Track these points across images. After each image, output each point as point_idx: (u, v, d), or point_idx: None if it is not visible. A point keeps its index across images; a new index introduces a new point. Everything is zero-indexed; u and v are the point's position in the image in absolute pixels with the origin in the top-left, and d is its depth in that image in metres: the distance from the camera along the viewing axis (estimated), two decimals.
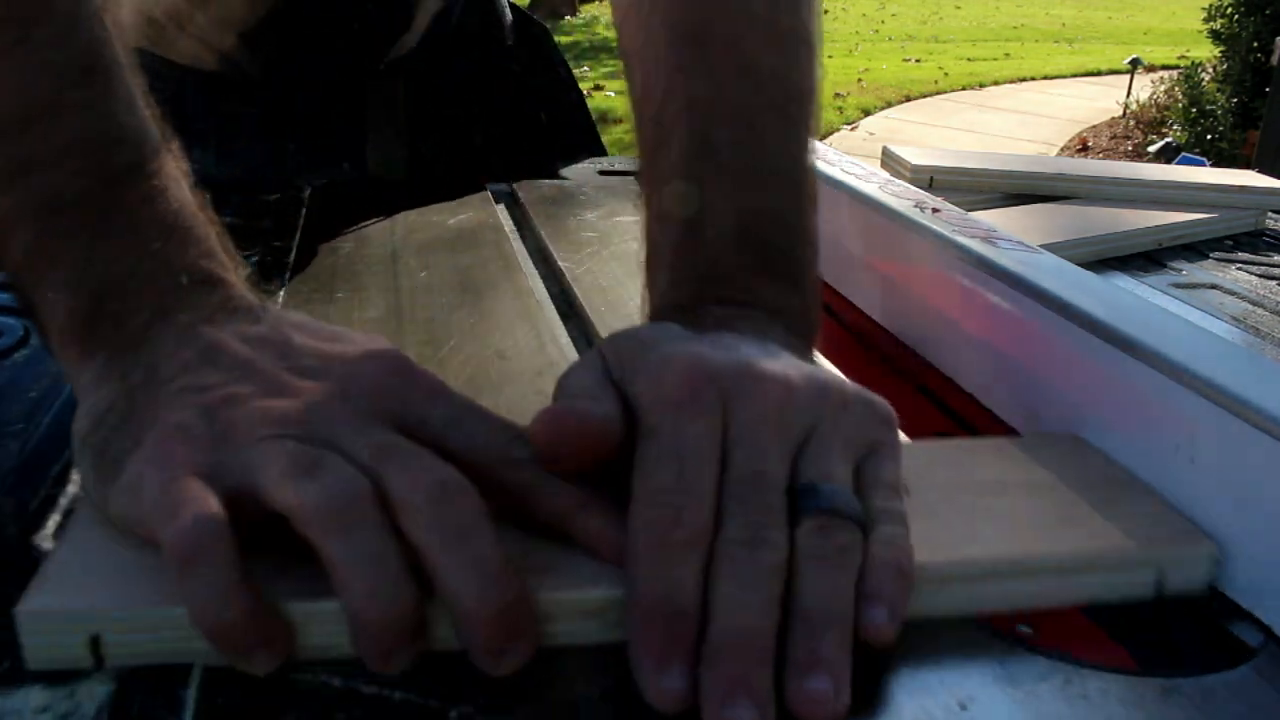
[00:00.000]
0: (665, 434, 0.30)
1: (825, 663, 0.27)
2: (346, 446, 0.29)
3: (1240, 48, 5.26)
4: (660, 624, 0.27)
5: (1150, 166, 0.93)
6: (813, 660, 0.27)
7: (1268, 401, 0.33)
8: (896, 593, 0.29)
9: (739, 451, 0.30)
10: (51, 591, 0.28)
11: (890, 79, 7.45)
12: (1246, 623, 0.33)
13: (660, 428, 0.30)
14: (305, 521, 0.27)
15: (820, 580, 0.28)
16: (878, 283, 0.57)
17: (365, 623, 0.27)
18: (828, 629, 0.27)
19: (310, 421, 0.29)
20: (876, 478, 0.32)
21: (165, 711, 0.27)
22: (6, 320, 0.48)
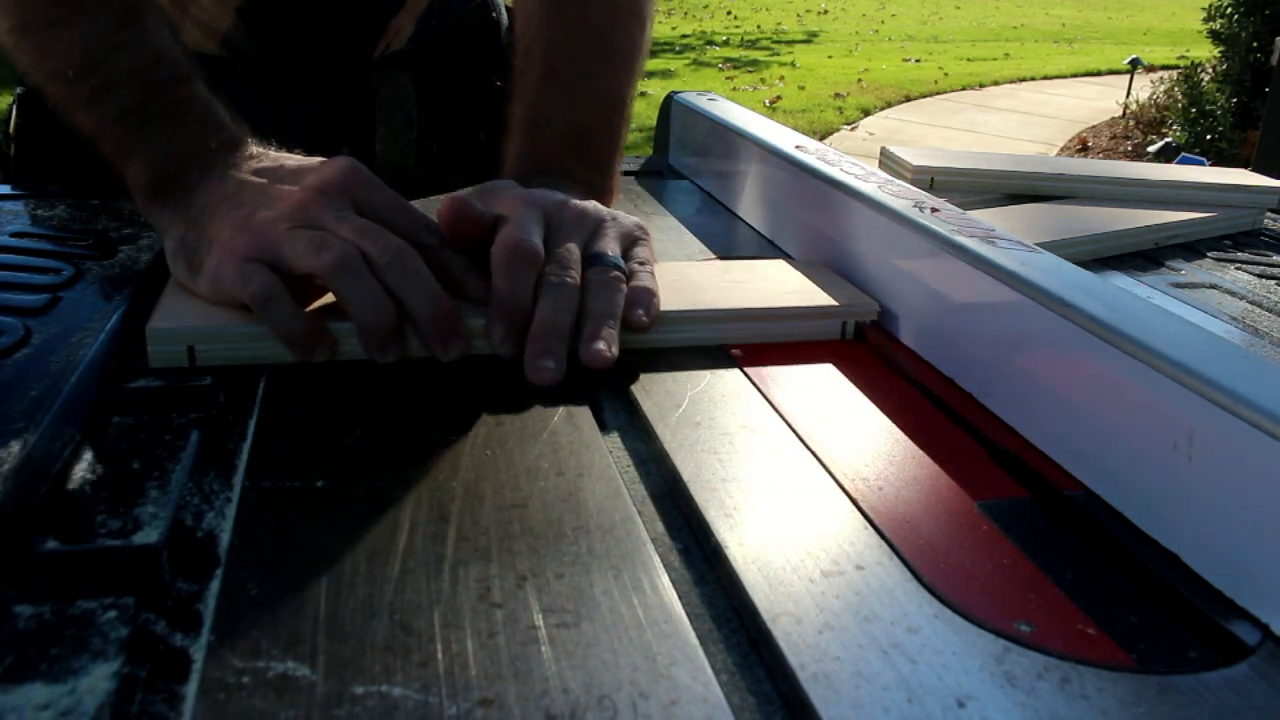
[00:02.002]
0: (513, 217, 0.49)
1: (603, 335, 0.46)
2: (335, 227, 0.46)
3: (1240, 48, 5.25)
4: (509, 311, 0.47)
5: (1149, 166, 0.93)
6: (594, 334, 0.46)
7: (1267, 401, 0.33)
8: (647, 301, 0.50)
9: (555, 235, 0.50)
10: (166, 317, 0.47)
11: (890, 79, 7.45)
12: (1244, 621, 0.33)
13: (509, 215, 0.50)
14: (324, 276, 0.45)
15: (599, 295, 0.48)
16: (877, 282, 0.57)
17: (366, 328, 0.45)
18: (603, 319, 0.47)
19: (309, 213, 0.46)
20: (635, 254, 0.53)
21: (165, 708, 0.27)
22: (7, 320, 0.48)
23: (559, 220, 0.51)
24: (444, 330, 0.46)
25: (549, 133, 0.61)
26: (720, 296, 0.53)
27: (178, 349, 0.45)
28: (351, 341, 0.46)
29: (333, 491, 0.37)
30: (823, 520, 0.37)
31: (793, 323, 0.53)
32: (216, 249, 0.47)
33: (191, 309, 0.47)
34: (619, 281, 0.49)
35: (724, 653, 0.31)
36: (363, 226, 0.46)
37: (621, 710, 0.27)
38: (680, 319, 0.51)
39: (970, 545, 0.36)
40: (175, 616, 0.30)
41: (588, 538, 0.35)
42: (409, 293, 0.45)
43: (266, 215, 0.46)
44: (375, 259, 0.45)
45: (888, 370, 0.51)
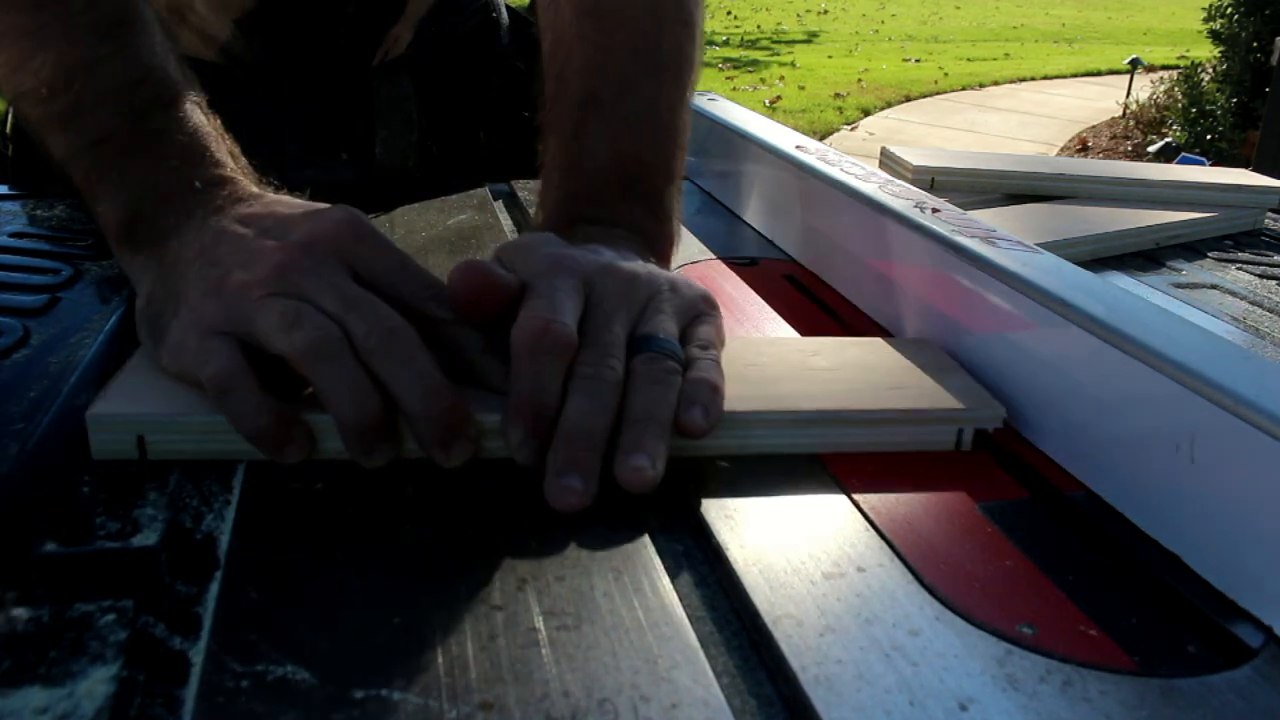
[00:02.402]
0: (542, 286, 0.40)
1: (645, 445, 0.37)
2: (318, 298, 0.38)
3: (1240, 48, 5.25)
4: (530, 410, 0.37)
5: (1149, 166, 0.93)
6: (634, 445, 0.37)
7: (1268, 401, 0.33)
8: (708, 398, 0.39)
9: (595, 313, 0.41)
10: (111, 401, 0.39)
11: (890, 79, 7.45)
12: (1247, 623, 0.33)
13: (538, 285, 0.40)
14: (296, 361, 0.37)
15: (645, 393, 0.39)
16: (878, 283, 0.57)
17: (346, 425, 0.37)
18: (649, 424, 0.37)
19: (289, 278, 0.38)
20: (696, 334, 0.43)
21: (164, 711, 0.27)
22: (6, 320, 0.48)
23: (602, 291, 0.42)
24: (444, 430, 0.37)
25: (591, 169, 0.51)
26: (802, 390, 0.43)
27: (123, 439, 0.38)
28: (335, 437, 0.38)
29: (333, 493, 0.37)
30: (824, 522, 0.37)
31: (898, 428, 0.42)
32: (182, 315, 0.40)
33: (152, 387, 0.40)
34: (672, 373, 0.40)
35: (725, 655, 0.30)
36: (351, 297, 0.38)
37: (622, 713, 0.27)
38: (749, 423, 0.41)
39: (972, 547, 0.36)
40: (174, 619, 0.30)
41: (588, 539, 0.35)
42: (400, 383, 0.37)
43: (241, 278, 0.39)
44: (360, 340, 0.37)
45: None
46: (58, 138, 0.46)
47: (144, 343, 0.42)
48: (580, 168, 0.51)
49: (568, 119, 0.53)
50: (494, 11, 0.89)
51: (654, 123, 0.53)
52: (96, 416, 0.38)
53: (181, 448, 0.38)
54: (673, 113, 0.54)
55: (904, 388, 0.44)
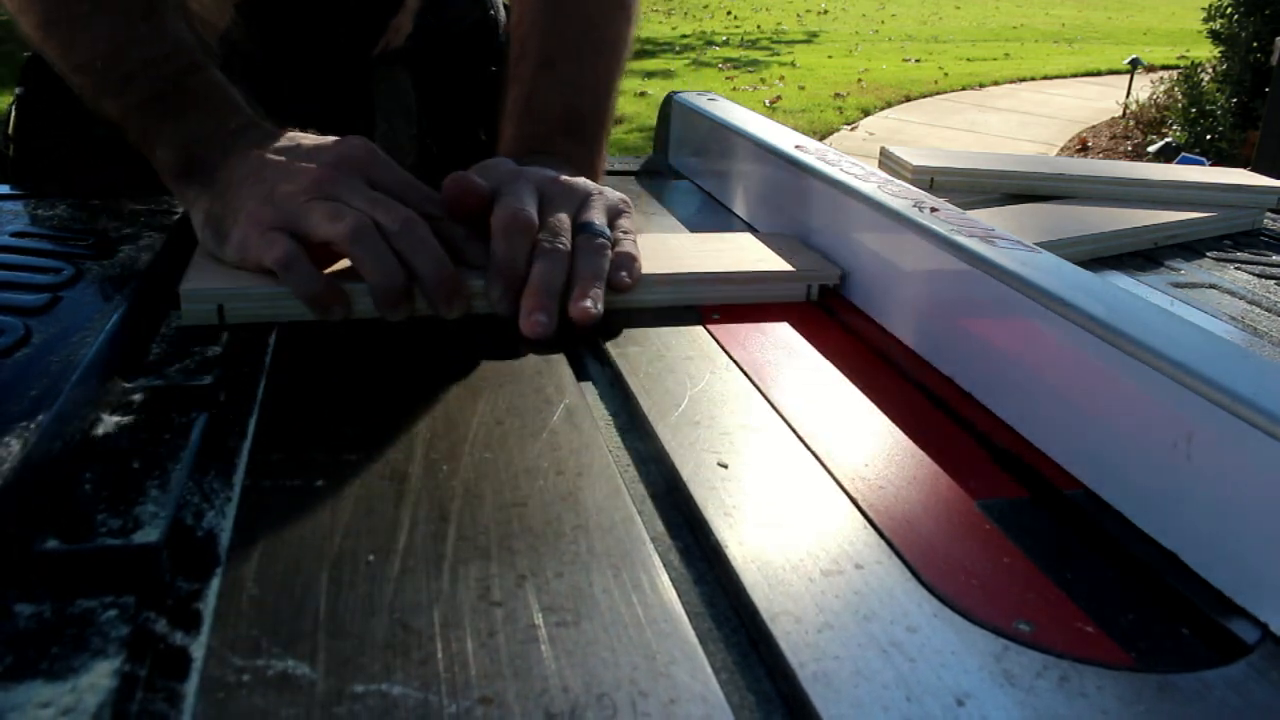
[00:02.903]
0: (508, 190, 0.55)
1: (590, 294, 0.52)
2: (350, 199, 0.51)
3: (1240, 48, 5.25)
4: (507, 273, 0.52)
5: (1149, 166, 0.93)
6: (582, 293, 0.52)
7: (1266, 401, 0.33)
8: (630, 265, 0.55)
9: (547, 207, 0.55)
10: (196, 279, 0.52)
11: (890, 79, 7.45)
12: (1243, 619, 0.33)
13: (505, 189, 0.55)
14: (340, 243, 0.50)
15: (587, 259, 0.54)
16: (877, 282, 0.57)
17: (378, 287, 0.50)
18: (591, 280, 0.53)
19: (326, 187, 0.51)
20: (620, 224, 0.58)
21: (166, 707, 0.27)
22: (7, 319, 0.48)
23: (551, 193, 0.56)
24: (448, 291, 0.51)
25: (543, 116, 0.66)
26: (696, 263, 0.59)
27: (208, 307, 0.50)
28: (365, 301, 0.51)
29: (333, 490, 0.37)
30: (822, 519, 0.37)
31: (761, 285, 0.58)
32: (242, 220, 0.51)
33: (219, 272, 0.52)
34: (605, 248, 0.55)
35: (723, 651, 0.31)
36: (375, 199, 0.51)
37: (621, 709, 0.27)
38: (659, 281, 0.57)
39: (970, 544, 0.36)
40: (175, 615, 0.30)
41: (587, 537, 0.35)
42: (417, 257, 0.50)
43: (287, 189, 0.51)
44: (386, 227, 0.50)
45: (889, 370, 0.51)
46: (113, 101, 0.57)
47: (206, 245, 0.54)
48: (534, 114, 0.66)
49: (527, 76, 0.67)
50: (491, 9, 0.89)
51: (594, 86, 0.69)
52: (188, 290, 0.50)
53: (251, 312, 0.51)
54: (609, 80, 0.70)
55: (766, 259, 0.60)
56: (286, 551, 0.33)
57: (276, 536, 0.34)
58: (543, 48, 0.68)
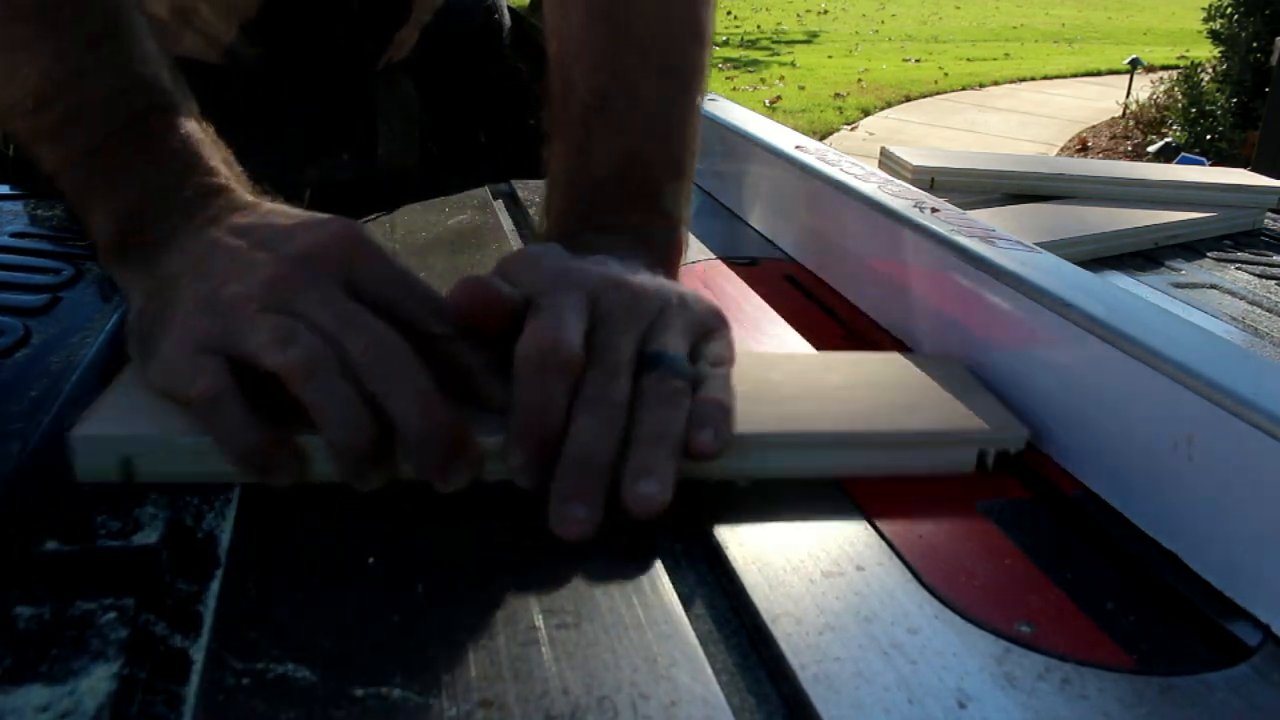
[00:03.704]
0: (547, 302, 0.39)
1: (653, 469, 0.35)
2: (313, 314, 0.36)
3: (1240, 48, 5.25)
4: (534, 433, 0.36)
5: (1149, 166, 0.93)
6: (642, 469, 0.35)
7: (1267, 401, 0.33)
8: (718, 419, 0.38)
9: (601, 330, 0.39)
10: (96, 422, 0.37)
11: (890, 79, 7.45)
12: (1245, 621, 0.33)
13: (543, 300, 0.39)
14: (288, 379, 0.35)
15: (653, 413, 0.37)
16: (877, 283, 0.57)
17: (338, 446, 0.35)
18: (657, 447, 0.36)
19: (283, 292, 0.37)
20: (707, 352, 0.41)
21: (165, 709, 0.27)
22: (6, 320, 0.48)
23: (609, 306, 0.40)
24: (442, 453, 0.35)
25: (599, 174, 0.50)
26: (820, 410, 0.41)
27: (108, 462, 0.36)
28: (328, 460, 0.36)
29: (333, 491, 0.37)
30: (823, 521, 0.37)
31: (918, 450, 0.41)
32: (173, 329, 0.38)
33: (139, 405, 0.38)
34: (682, 393, 0.38)
35: (724, 653, 0.31)
36: (346, 313, 0.37)
37: (622, 711, 0.27)
38: (762, 445, 0.39)
39: (971, 546, 0.36)
40: (175, 617, 0.30)
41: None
42: (396, 403, 0.35)
43: (233, 292, 0.38)
44: (355, 358, 0.35)
45: None
46: (47, 150, 0.44)
47: (134, 359, 0.41)
48: (588, 172, 0.50)
49: (575, 122, 0.51)
50: (496, 13, 0.89)
51: (664, 128, 0.52)
52: (80, 438, 0.36)
53: (170, 470, 0.37)
54: (683, 120, 0.52)
55: (924, 408, 0.42)
56: (286, 553, 0.33)
57: (276, 538, 0.34)
58: (593, 83, 0.51)
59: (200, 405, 0.36)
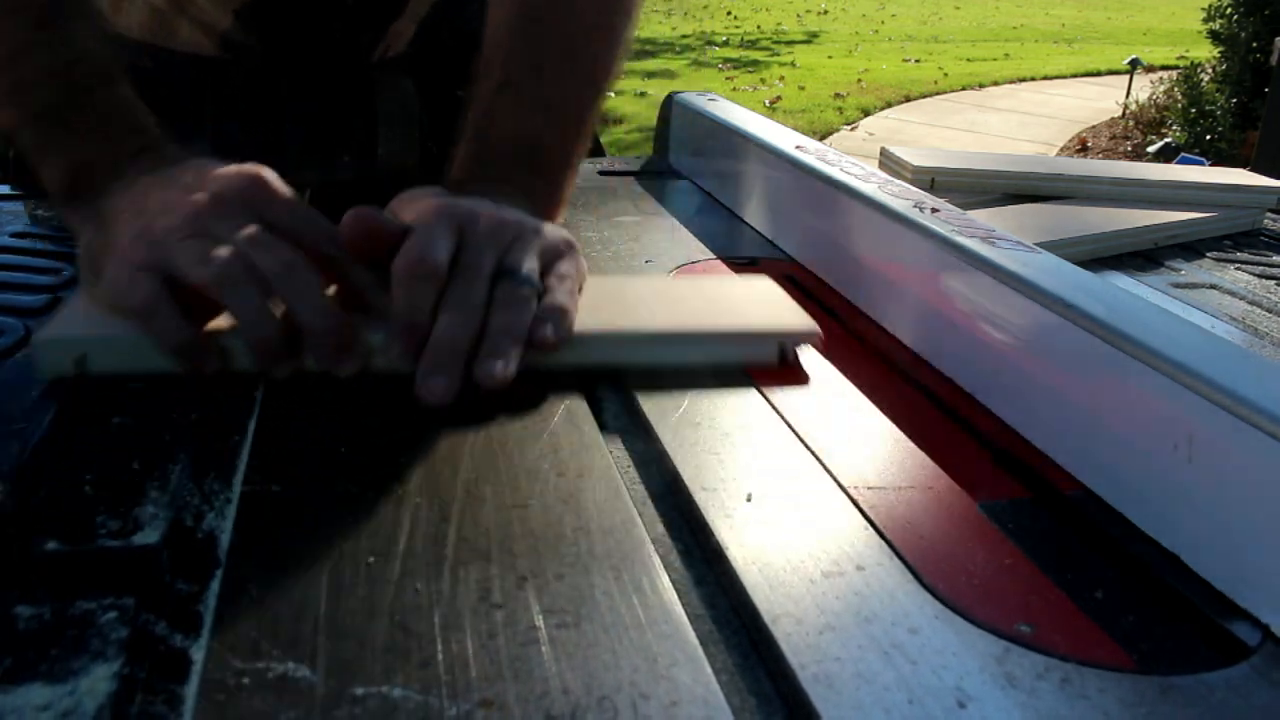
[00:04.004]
0: (421, 228, 0.47)
1: (498, 352, 0.44)
2: (227, 237, 0.44)
3: (1240, 48, 5.25)
4: (407, 328, 0.45)
5: (1149, 166, 0.93)
6: (490, 352, 0.44)
7: (1267, 401, 0.33)
8: (558, 320, 0.46)
9: (466, 250, 0.47)
10: (55, 327, 0.46)
11: (890, 79, 7.45)
12: (1245, 621, 0.33)
13: (419, 227, 0.47)
14: (210, 289, 0.43)
15: (502, 313, 0.46)
16: (877, 283, 0.57)
17: (251, 339, 0.44)
18: (503, 336, 0.45)
19: (204, 222, 0.45)
20: (556, 268, 0.49)
21: (166, 709, 0.27)
22: (6, 320, 0.48)
23: (473, 232, 0.48)
24: (336, 344, 0.44)
25: (494, 138, 0.59)
26: (651, 314, 0.50)
27: (65, 357, 0.44)
28: (247, 356, 0.44)
29: (333, 492, 0.37)
30: (823, 521, 0.37)
31: (723, 347, 0.49)
32: (114, 256, 0.46)
33: (90, 316, 0.46)
34: (527, 297, 0.47)
35: (724, 653, 0.31)
36: (256, 237, 0.45)
37: (622, 711, 0.27)
38: (598, 340, 0.48)
39: (971, 546, 0.36)
40: (175, 617, 0.30)
41: (588, 538, 0.35)
42: (297, 306, 0.44)
43: (163, 224, 0.45)
44: (264, 270, 0.44)
45: (888, 370, 0.51)
46: (4, 111, 0.52)
47: (84, 281, 0.49)
48: (486, 139, 0.59)
49: (484, 97, 0.60)
50: None
51: (559, 110, 0.60)
52: (42, 340, 0.44)
53: (116, 365, 0.44)
54: (579, 106, 0.61)
55: (734, 312, 0.51)
56: (287, 553, 0.33)
57: (276, 538, 0.34)
58: (506, 68, 0.60)
59: (139, 311, 0.44)
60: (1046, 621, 0.32)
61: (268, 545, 0.34)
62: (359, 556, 0.33)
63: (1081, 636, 0.32)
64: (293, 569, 0.32)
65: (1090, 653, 0.31)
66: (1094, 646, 0.31)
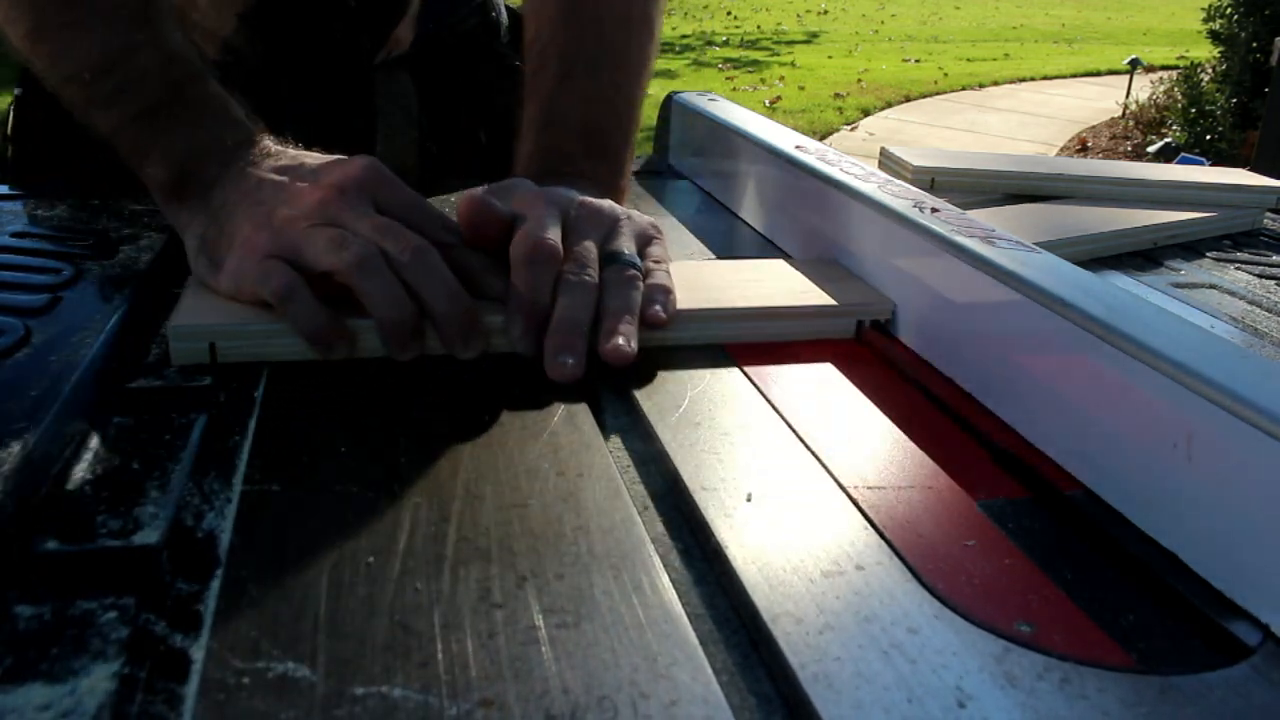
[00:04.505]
0: (530, 214, 0.50)
1: (621, 330, 0.47)
2: (355, 225, 0.46)
3: (1239, 48, 5.25)
4: (528, 308, 0.47)
5: (1149, 166, 0.93)
6: (613, 330, 0.47)
7: (1267, 401, 0.33)
8: (664, 298, 0.50)
9: (572, 235, 0.51)
10: (187, 314, 0.47)
11: (890, 79, 7.45)
12: (1245, 621, 0.33)
13: (526, 213, 0.50)
14: (344, 274, 0.45)
15: (617, 293, 0.49)
16: (877, 282, 0.57)
17: (385, 323, 0.45)
18: (622, 315, 0.48)
19: (329, 211, 0.47)
20: (650, 252, 0.54)
21: (166, 709, 0.27)
22: (7, 320, 0.48)
23: (575, 218, 0.51)
24: (463, 328, 0.46)
25: (563, 130, 0.62)
26: (737, 295, 0.54)
27: (199, 345, 0.46)
28: (371, 338, 0.46)
29: (333, 491, 0.37)
30: (823, 520, 0.37)
31: (807, 321, 0.54)
32: (237, 246, 0.48)
33: (212, 306, 0.48)
34: (636, 279, 0.50)
35: (724, 653, 0.31)
36: (382, 224, 0.47)
37: (622, 710, 0.27)
38: (696, 317, 0.52)
39: (970, 545, 0.36)
40: (175, 617, 0.30)
41: (588, 538, 0.35)
42: (428, 290, 0.46)
43: (286, 213, 0.47)
44: (394, 256, 0.46)
45: (888, 370, 0.51)
46: (104, 114, 0.53)
47: (199, 274, 0.50)
48: (553, 128, 0.62)
49: (546, 89, 0.63)
50: (493, 11, 0.89)
51: (615, 101, 0.65)
52: (177, 327, 0.46)
53: (247, 351, 0.46)
54: (631, 96, 0.66)
55: (810, 291, 0.56)
56: (286, 553, 0.33)
57: (276, 538, 0.34)
58: (562, 61, 0.64)
59: (277, 298, 0.45)
60: (1046, 621, 0.32)
61: (268, 545, 0.34)
62: (359, 556, 0.33)
63: (1081, 636, 0.32)
64: (293, 569, 0.32)
65: (1090, 652, 0.31)
66: (1094, 646, 0.31)
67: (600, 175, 0.61)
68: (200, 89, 0.54)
